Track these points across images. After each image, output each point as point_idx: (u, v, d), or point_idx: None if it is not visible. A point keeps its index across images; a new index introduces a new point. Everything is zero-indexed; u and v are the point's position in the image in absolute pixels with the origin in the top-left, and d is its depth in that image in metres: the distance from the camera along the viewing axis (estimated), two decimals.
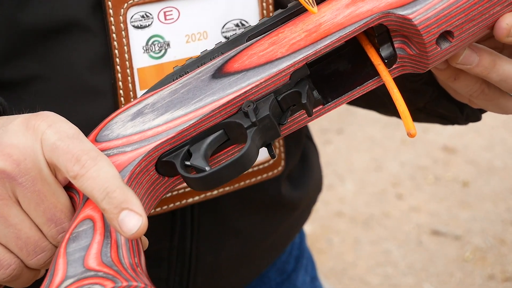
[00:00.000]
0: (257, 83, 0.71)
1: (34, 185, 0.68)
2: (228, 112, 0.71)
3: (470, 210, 3.09)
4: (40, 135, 0.68)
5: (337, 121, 3.80)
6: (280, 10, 0.76)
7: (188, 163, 0.71)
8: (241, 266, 1.05)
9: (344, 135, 3.70)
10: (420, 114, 0.99)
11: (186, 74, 0.74)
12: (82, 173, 0.66)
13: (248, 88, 0.71)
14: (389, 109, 1.05)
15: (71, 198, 0.70)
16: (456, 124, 1.00)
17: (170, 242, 0.96)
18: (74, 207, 0.70)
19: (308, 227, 2.96)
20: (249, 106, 0.71)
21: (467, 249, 2.86)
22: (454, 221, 3.02)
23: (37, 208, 0.68)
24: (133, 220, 0.64)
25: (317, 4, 0.74)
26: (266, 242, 1.05)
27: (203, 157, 0.71)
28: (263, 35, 0.74)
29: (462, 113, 0.96)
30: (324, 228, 3.01)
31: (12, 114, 0.75)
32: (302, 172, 1.08)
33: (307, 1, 0.71)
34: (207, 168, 0.69)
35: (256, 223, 1.02)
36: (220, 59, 0.74)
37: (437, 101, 0.95)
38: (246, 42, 0.75)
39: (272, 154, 0.74)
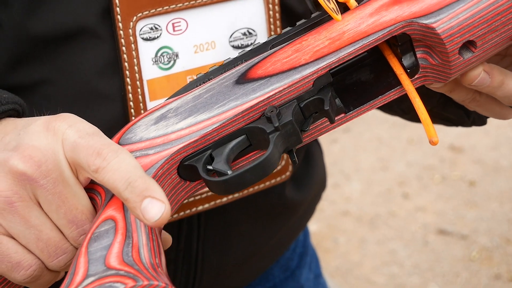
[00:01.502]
0: (281, 88, 0.71)
1: (55, 187, 0.67)
2: (251, 117, 0.72)
3: (477, 209, 3.09)
4: (61, 136, 0.67)
5: None
6: (303, 21, 0.76)
7: (210, 167, 0.71)
8: (245, 266, 1.06)
9: (351, 134, 3.71)
10: None
11: (209, 80, 0.75)
12: (103, 166, 0.65)
13: (271, 93, 0.71)
14: (394, 110, 1.06)
15: (92, 200, 0.70)
16: (461, 126, 1.02)
17: (177, 243, 0.96)
18: (95, 209, 0.70)
19: (314, 226, 2.96)
20: (272, 111, 0.71)
21: (473, 249, 2.87)
22: (460, 221, 3.03)
23: (58, 210, 0.68)
24: (155, 207, 0.63)
25: (340, 13, 0.74)
26: (271, 242, 1.06)
27: (225, 161, 0.71)
28: (286, 43, 0.75)
29: (468, 118, 0.97)
30: (330, 228, 3.02)
31: (33, 115, 0.74)
32: (306, 171, 1.08)
33: (332, 9, 0.72)
34: (229, 172, 0.69)
35: (262, 225, 1.03)
36: (243, 66, 0.74)
37: (443, 106, 0.96)
38: (269, 50, 0.75)
39: (294, 161, 0.74)
